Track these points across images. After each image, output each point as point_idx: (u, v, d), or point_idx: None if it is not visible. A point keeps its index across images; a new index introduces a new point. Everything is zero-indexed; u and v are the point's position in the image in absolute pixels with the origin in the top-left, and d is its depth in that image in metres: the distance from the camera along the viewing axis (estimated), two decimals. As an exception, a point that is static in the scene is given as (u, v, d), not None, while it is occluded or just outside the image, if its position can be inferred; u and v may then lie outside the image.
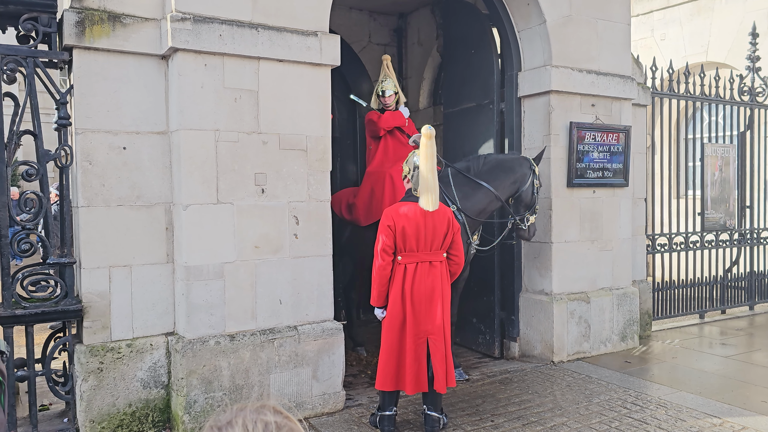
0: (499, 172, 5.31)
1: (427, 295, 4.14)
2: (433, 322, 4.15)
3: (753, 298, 8.57)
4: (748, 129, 8.54)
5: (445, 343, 4.21)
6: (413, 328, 4.13)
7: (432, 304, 4.15)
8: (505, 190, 5.33)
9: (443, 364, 4.15)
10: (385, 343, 4.18)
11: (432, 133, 4.24)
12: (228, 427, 1.05)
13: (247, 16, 4.39)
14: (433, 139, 4.24)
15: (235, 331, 4.39)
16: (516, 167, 5.37)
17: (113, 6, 4.20)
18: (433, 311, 4.15)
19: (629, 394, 5.02)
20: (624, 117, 6.37)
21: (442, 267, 4.24)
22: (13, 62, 4.03)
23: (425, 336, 4.14)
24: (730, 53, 10.76)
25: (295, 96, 4.59)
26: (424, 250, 4.17)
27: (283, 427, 1.06)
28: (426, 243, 4.17)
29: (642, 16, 12.05)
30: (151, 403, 4.32)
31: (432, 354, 4.14)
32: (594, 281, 6.22)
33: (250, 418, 1.05)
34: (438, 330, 4.16)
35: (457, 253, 4.32)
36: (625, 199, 6.44)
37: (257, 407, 1.07)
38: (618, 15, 6.31)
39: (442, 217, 4.21)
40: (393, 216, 4.15)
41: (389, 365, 4.15)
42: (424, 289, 4.14)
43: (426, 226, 4.15)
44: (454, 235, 4.27)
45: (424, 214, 4.15)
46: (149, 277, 4.36)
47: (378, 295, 4.21)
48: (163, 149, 4.38)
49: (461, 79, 6.64)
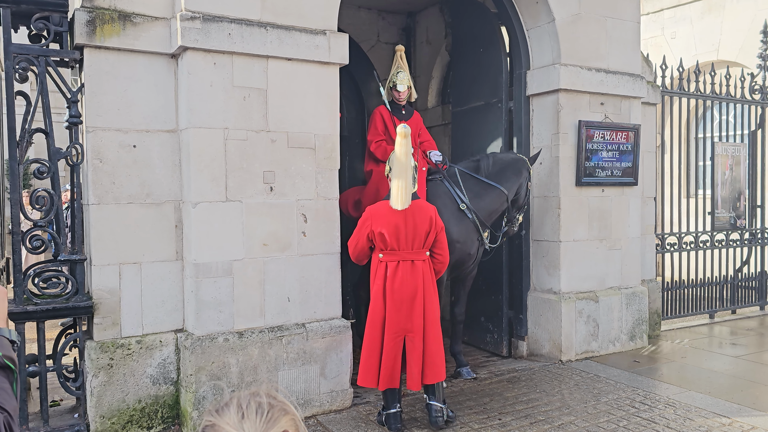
0: (510, 174, 5.32)
1: (409, 295, 4.17)
2: (412, 321, 4.18)
3: (764, 298, 8.50)
4: (759, 128, 8.47)
5: (425, 341, 4.22)
6: (392, 326, 4.17)
7: (414, 303, 4.18)
8: (513, 191, 5.37)
9: (419, 362, 4.18)
10: (367, 340, 4.25)
11: (406, 132, 4.34)
12: (224, 408, 1.13)
13: (256, 14, 4.41)
14: (407, 138, 4.33)
15: (243, 328, 4.42)
16: (521, 168, 5.41)
17: (124, 5, 4.23)
18: (414, 310, 4.18)
19: (638, 393, 5.01)
20: (633, 116, 6.35)
21: (424, 266, 4.26)
22: (25, 61, 4.07)
23: (403, 334, 4.19)
24: (742, 52, 10.69)
25: (304, 94, 4.60)
26: (405, 249, 4.21)
27: (275, 406, 1.13)
28: (407, 242, 4.21)
29: (652, 15, 11.99)
30: (160, 399, 4.35)
31: (408, 352, 4.19)
32: (603, 280, 6.20)
33: (244, 399, 1.14)
34: (417, 329, 4.19)
35: (441, 252, 4.35)
36: (634, 198, 6.41)
37: (252, 391, 1.17)
38: (627, 13, 6.29)
39: (424, 216, 4.24)
40: (372, 216, 4.25)
41: (370, 361, 4.20)
42: (406, 289, 4.17)
43: (407, 225, 4.19)
44: (438, 233, 4.29)
45: (404, 213, 4.19)
46: (159, 274, 4.39)
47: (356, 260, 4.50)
48: (172, 147, 4.41)
49: (470, 77, 6.63)
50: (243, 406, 1.11)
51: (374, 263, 4.33)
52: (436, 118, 8.16)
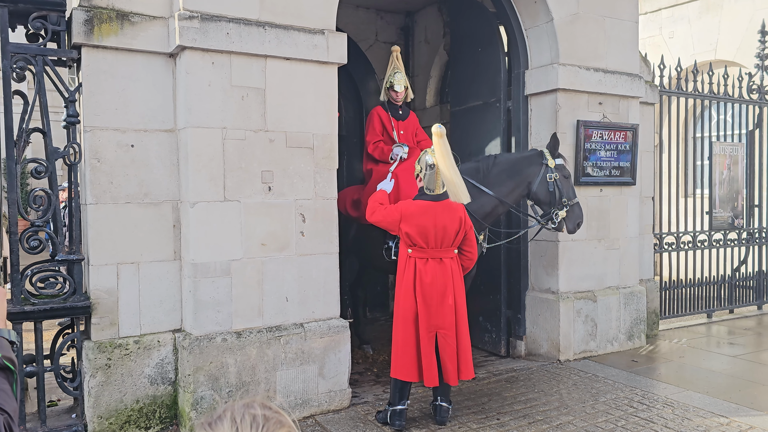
0: (505, 177, 5.17)
1: (439, 291, 4.22)
2: (444, 317, 4.23)
3: (761, 298, 8.52)
4: (757, 127, 8.48)
5: (458, 336, 4.28)
6: (425, 322, 4.20)
7: (444, 300, 4.23)
8: (513, 194, 5.19)
9: (454, 358, 4.24)
10: (402, 335, 4.24)
11: (442, 131, 4.34)
12: (217, 422, 1.09)
13: (254, 14, 4.40)
14: (444, 137, 4.34)
15: (241, 328, 4.41)
16: (524, 168, 5.19)
17: (122, 4, 4.22)
18: (444, 306, 4.23)
19: (636, 393, 5.01)
20: (632, 115, 6.35)
21: (453, 263, 4.30)
22: (23, 60, 4.06)
23: (435, 330, 4.23)
24: (739, 51, 10.70)
25: (302, 94, 4.59)
26: (434, 248, 4.24)
27: (271, 419, 1.09)
28: (436, 242, 4.24)
29: (650, 14, 11.99)
30: (158, 399, 4.34)
31: (441, 349, 4.23)
32: (601, 280, 6.20)
33: (238, 412, 1.09)
34: (449, 325, 4.24)
35: (470, 249, 4.40)
36: (632, 198, 6.41)
37: (246, 402, 1.12)
38: (626, 13, 6.29)
39: (454, 216, 4.27)
40: (403, 213, 4.24)
41: (408, 356, 4.20)
42: (436, 285, 4.21)
43: (436, 227, 4.21)
44: (467, 232, 4.35)
45: (435, 213, 4.22)
46: (157, 274, 4.38)
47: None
48: (170, 147, 4.40)
49: (468, 77, 6.63)
50: (237, 420, 1.07)
51: (402, 257, 4.34)
52: (435, 118, 8.14)
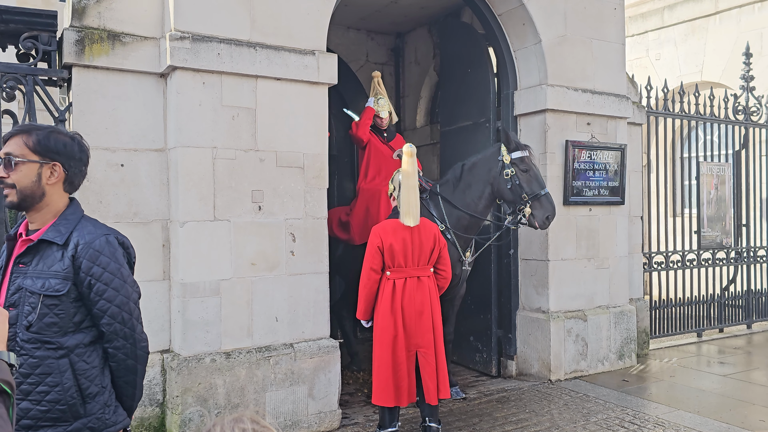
0: (471, 185, 5.14)
1: (417, 310, 4.22)
2: (423, 335, 4.22)
3: (750, 317, 8.55)
4: (743, 148, 8.58)
5: (437, 355, 4.27)
6: (404, 342, 4.19)
7: (422, 318, 4.22)
8: (482, 200, 5.13)
9: (434, 376, 4.23)
10: (380, 358, 4.21)
11: (412, 151, 4.36)
12: None
13: (245, 35, 4.43)
14: (413, 156, 4.36)
15: (231, 349, 4.37)
16: (482, 171, 5.12)
17: (113, 25, 4.24)
18: (423, 325, 4.22)
19: (627, 413, 5.00)
20: (620, 135, 6.42)
21: (430, 282, 4.33)
22: (13, 80, 4.06)
23: (415, 349, 4.22)
24: (725, 73, 10.86)
25: (293, 114, 4.61)
26: (411, 266, 4.25)
27: None
28: (414, 259, 4.25)
29: (637, 36, 12.17)
30: (145, 421, 4.28)
31: (422, 367, 4.22)
32: (591, 299, 6.21)
33: (228, 426, 1.11)
34: (428, 343, 4.23)
35: (445, 267, 4.41)
36: (621, 217, 6.45)
37: (235, 417, 1.14)
38: (613, 35, 6.38)
39: (428, 233, 4.30)
40: (381, 234, 4.24)
41: (386, 379, 4.17)
42: (414, 304, 4.22)
43: (413, 243, 4.24)
44: (441, 250, 4.36)
45: (410, 230, 4.25)
46: (145, 294, 4.28)
47: (365, 310, 4.34)
48: (160, 166, 4.40)
49: (458, 97, 6.69)
50: None
51: (381, 282, 4.31)
52: (425, 138, 8.20)
